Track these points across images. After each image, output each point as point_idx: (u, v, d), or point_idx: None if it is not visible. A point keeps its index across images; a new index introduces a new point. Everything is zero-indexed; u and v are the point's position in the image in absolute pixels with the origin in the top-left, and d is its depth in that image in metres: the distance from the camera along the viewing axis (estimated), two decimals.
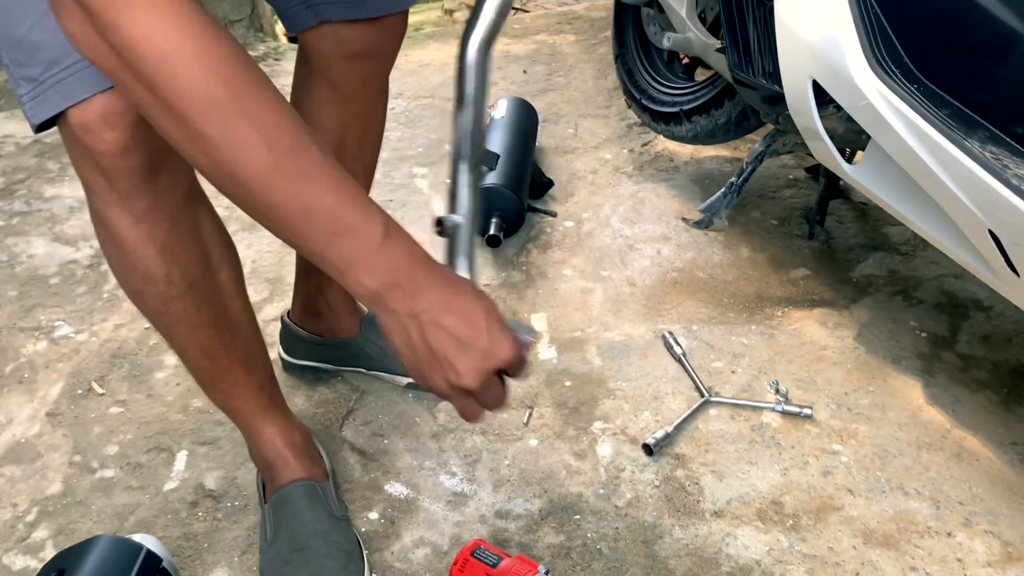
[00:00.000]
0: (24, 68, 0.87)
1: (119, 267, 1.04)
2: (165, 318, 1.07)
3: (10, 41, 0.86)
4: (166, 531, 1.26)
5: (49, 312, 1.75)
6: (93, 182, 0.95)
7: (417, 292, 0.78)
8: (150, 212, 0.97)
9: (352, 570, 1.14)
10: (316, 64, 1.21)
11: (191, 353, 1.12)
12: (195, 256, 1.05)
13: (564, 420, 1.43)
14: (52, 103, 0.87)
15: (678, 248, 1.86)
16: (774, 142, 1.73)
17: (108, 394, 1.53)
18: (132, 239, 0.98)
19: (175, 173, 0.98)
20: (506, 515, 1.27)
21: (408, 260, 0.79)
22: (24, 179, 2.27)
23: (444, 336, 0.79)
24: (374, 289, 0.77)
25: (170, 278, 1.02)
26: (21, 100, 0.90)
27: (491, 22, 0.93)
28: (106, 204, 0.96)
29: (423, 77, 2.81)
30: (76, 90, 0.86)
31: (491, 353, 0.80)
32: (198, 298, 1.06)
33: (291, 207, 0.74)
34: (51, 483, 1.36)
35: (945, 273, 1.72)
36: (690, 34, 1.87)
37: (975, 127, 1.11)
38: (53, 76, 0.86)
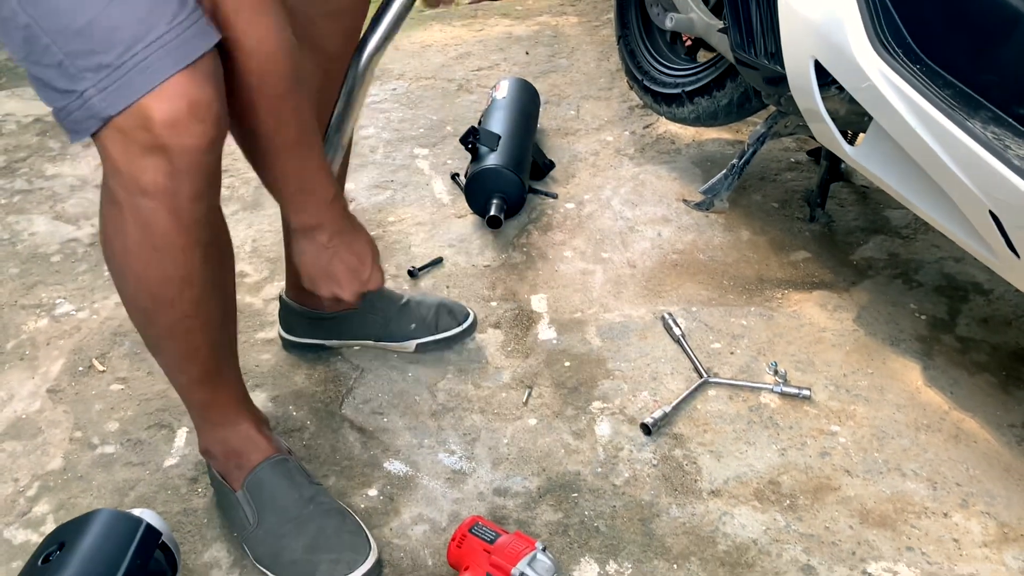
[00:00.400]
0: (92, 56, 0.81)
1: (153, 276, 0.98)
2: (191, 321, 1.04)
3: (70, 32, 0.81)
4: (166, 506, 1.27)
5: (50, 290, 1.76)
6: (153, 185, 0.88)
7: (335, 233, 1.12)
8: (206, 215, 0.96)
9: (350, 523, 1.16)
10: (298, 28, 1.18)
11: (202, 354, 1.10)
12: (220, 255, 1.06)
13: (563, 400, 1.44)
14: (134, 86, 0.82)
15: (679, 230, 1.86)
16: (776, 124, 1.73)
17: (109, 371, 1.54)
18: (183, 245, 0.95)
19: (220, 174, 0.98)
20: (504, 492, 1.28)
21: (340, 214, 1.12)
22: (26, 157, 2.26)
23: (342, 266, 1.14)
24: (310, 225, 1.11)
25: (205, 280, 1.01)
26: (84, 94, 0.83)
27: (386, 30, 1.19)
28: (163, 210, 0.91)
29: (425, 58, 2.80)
30: (161, 68, 0.82)
31: (368, 283, 1.17)
32: (220, 297, 1.08)
33: (290, 166, 1.04)
34: (52, 459, 1.36)
35: (945, 256, 1.72)
36: (693, 15, 1.86)
37: (977, 107, 1.11)
38: (134, 57, 0.81)
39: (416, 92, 2.58)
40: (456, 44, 2.91)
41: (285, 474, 1.19)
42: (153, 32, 0.81)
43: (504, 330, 1.60)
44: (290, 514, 1.15)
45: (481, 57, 2.80)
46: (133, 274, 1.00)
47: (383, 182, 2.10)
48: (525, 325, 1.61)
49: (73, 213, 2.01)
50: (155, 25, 0.81)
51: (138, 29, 0.81)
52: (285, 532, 1.14)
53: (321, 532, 1.14)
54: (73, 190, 2.10)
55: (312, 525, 1.14)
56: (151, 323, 1.07)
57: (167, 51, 0.82)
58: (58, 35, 0.82)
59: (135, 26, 0.81)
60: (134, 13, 0.79)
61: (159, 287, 0.99)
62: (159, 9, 0.82)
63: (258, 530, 1.17)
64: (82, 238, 1.92)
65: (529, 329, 1.60)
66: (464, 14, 3.24)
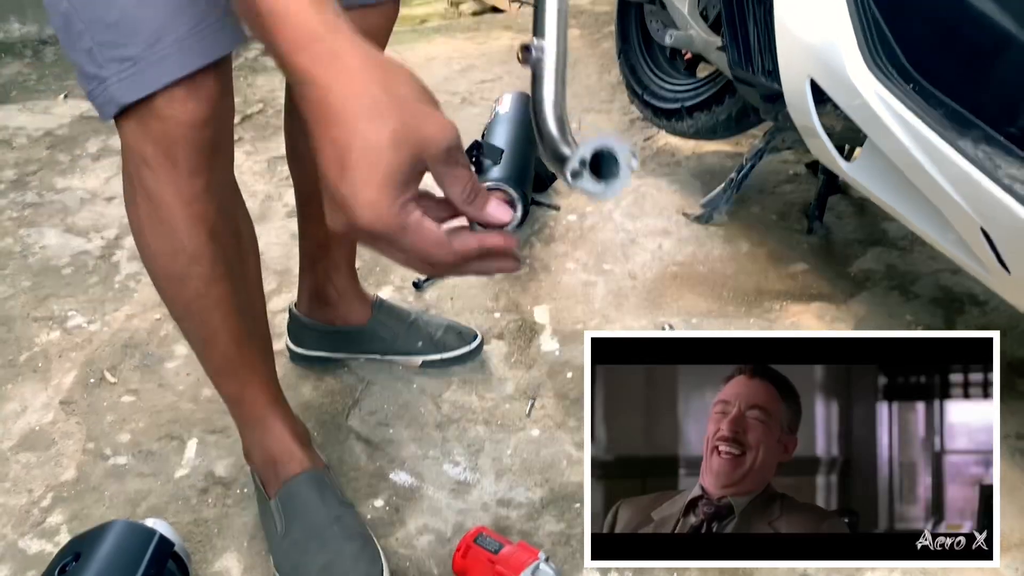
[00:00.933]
0: (118, 49, 0.88)
1: (163, 249, 1.04)
2: (204, 300, 1.08)
3: (102, 24, 0.88)
4: (177, 517, 1.30)
5: (62, 302, 1.79)
6: (153, 158, 0.96)
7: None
8: (205, 192, 1.00)
9: (369, 551, 1.17)
10: None
11: (221, 338, 1.13)
12: (233, 241, 1.09)
13: (566, 411, 1.46)
14: (150, 79, 0.89)
15: (679, 242, 1.89)
16: (774, 138, 1.76)
17: (120, 383, 1.57)
18: (185, 217, 1.00)
19: (228, 155, 1.03)
20: (508, 503, 1.30)
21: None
22: (36, 171, 2.30)
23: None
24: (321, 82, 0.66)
25: (215, 259, 1.05)
26: (104, 82, 0.90)
27: None
28: (163, 182, 0.97)
29: (429, 71, 2.83)
30: (178, 66, 0.89)
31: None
32: (234, 282, 1.10)
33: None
34: (65, 470, 1.39)
35: (942, 268, 1.74)
36: (692, 31, 1.89)
37: (969, 126, 1.14)
38: (156, 52, 0.88)
39: None
40: (460, 57, 2.94)
41: (318, 490, 1.21)
42: (178, 28, 0.89)
43: (507, 341, 1.62)
44: (315, 531, 1.17)
45: (484, 70, 2.83)
46: (147, 248, 1.06)
47: None
48: (528, 336, 1.63)
49: (83, 226, 2.04)
50: (177, 27, 0.89)
51: (164, 26, 0.88)
52: (308, 548, 1.17)
53: (339, 556, 1.15)
54: (83, 203, 2.14)
55: (332, 546, 1.16)
56: (170, 301, 1.12)
57: (184, 49, 0.89)
58: (92, 24, 0.89)
59: (162, 22, 0.88)
60: (159, 14, 0.86)
61: (168, 261, 1.05)
62: (184, 12, 0.89)
63: (284, 541, 1.19)
64: (92, 250, 1.95)
65: (532, 340, 1.62)
66: (468, 27, 3.28)
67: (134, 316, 1.74)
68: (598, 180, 0.69)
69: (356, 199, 0.57)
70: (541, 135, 0.77)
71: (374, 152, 0.57)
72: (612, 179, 0.70)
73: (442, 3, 6.09)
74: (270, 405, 1.23)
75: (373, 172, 0.57)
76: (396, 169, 0.57)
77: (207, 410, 1.49)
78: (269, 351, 1.24)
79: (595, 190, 0.70)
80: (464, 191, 0.63)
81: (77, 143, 2.43)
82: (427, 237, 0.60)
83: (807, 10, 1.33)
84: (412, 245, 0.60)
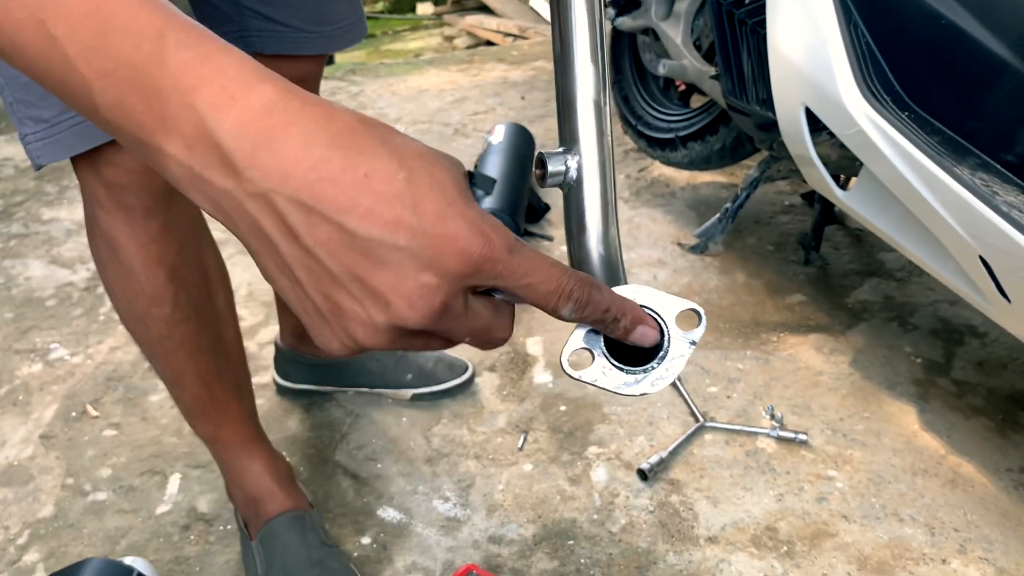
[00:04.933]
0: (33, 109, 0.85)
1: (123, 290, 1.01)
2: (167, 343, 1.05)
3: (17, 82, 0.84)
4: (158, 554, 1.26)
5: (45, 334, 1.75)
6: (104, 200, 0.93)
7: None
8: (162, 233, 0.96)
9: None
10: None
11: (188, 380, 1.10)
12: (199, 279, 1.05)
13: (559, 445, 1.43)
14: (66, 145, 0.85)
15: (674, 273, 1.86)
16: (769, 168, 1.75)
17: (102, 417, 1.53)
18: (142, 259, 0.97)
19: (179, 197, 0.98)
20: (499, 540, 1.27)
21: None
22: (22, 202, 2.27)
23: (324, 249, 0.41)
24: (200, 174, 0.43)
25: (176, 301, 1.01)
26: (24, 138, 0.87)
27: None
28: (117, 223, 0.94)
29: (421, 103, 2.83)
30: (94, 135, 0.85)
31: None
32: (200, 322, 1.06)
33: None
34: (43, 506, 1.35)
35: (940, 299, 1.72)
36: (685, 61, 1.89)
37: (965, 154, 1.12)
38: (70, 119, 0.84)
39: (413, 136, 2.61)
40: (453, 89, 2.94)
41: (298, 531, 1.17)
42: None
43: (500, 373, 1.59)
44: (295, 574, 1.13)
45: (477, 101, 2.83)
46: (108, 287, 1.03)
47: None
48: (520, 368, 1.60)
49: (69, 257, 2.02)
50: None
51: None
52: None
53: None
54: (69, 234, 2.11)
55: None
56: (138, 341, 1.09)
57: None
58: (11, 80, 0.85)
59: None
60: None
61: (130, 302, 1.02)
62: None
63: None
64: (77, 282, 1.92)
65: (524, 372, 1.59)
66: (461, 60, 3.29)
67: (118, 348, 1.70)
68: (618, 366, 0.45)
69: (451, 231, 0.38)
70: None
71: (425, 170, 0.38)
72: (648, 365, 0.45)
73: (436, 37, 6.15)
74: (248, 444, 1.20)
75: (445, 191, 0.39)
76: (462, 180, 0.41)
77: (191, 444, 1.45)
78: (246, 389, 1.20)
79: (610, 383, 0.45)
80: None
81: (64, 174, 2.41)
82: (543, 255, 0.42)
83: (801, 38, 1.32)
84: (534, 265, 0.41)
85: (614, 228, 0.51)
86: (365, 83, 3.08)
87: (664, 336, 0.45)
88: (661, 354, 0.45)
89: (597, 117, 0.53)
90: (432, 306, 0.39)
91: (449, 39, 5.94)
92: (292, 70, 1.16)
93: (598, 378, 0.45)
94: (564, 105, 0.54)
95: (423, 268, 0.38)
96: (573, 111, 0.53)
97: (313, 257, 0.38)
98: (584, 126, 0.52)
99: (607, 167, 0.52)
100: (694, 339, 0.45)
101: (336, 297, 0.39)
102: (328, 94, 2.97)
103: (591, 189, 0.51)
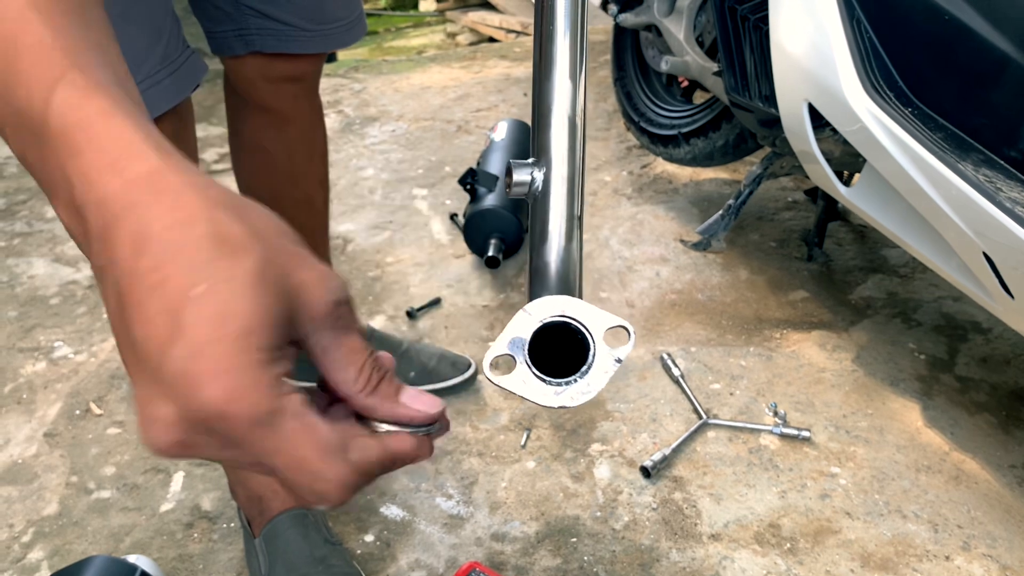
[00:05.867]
0: None
1: None
2: None
3: None
4: (162, 552, 1.26)
5: (48, 332, 1.76)
6: None
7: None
8: None
9: None
10: (243, 88, 1.20)
11: None
12: None
13: (562, 442, 1.43)
14: None
15: (677, 270, 1.86)
16: (772, 164, 1.74)
17: (106, 415, 1.53)
18: None
19: None
20: (502, 537, 1.27)
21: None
22: (26, 200, 2.28)
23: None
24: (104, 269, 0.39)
25: None
26: None
27: None
28: None
29: (424, 100, 2.83)
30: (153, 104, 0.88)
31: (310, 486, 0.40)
32: None
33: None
34: (47, 504, 1.35)
35: (944, 295, 1.72)
36: (688, 57, 1.88)
37: (969, 150, 1.12)
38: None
39: (415, 133, 2.60)
40: (455, 86, 2.94)
41: (301, 529, 1.17)
42: (144, 69, 0.87)
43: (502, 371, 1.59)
44: (298, 572, 1.14)
45: (480, 99, 2.82)
46: None
47: (382, 222, 2.11)
48: None
49: (72, 255, 2.02)
50: (147, 61, 0.87)
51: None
52: None
53: None
54: None
55: None
56: None
57: (160, 88, 0.88)
58: None
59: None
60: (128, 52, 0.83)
61: None
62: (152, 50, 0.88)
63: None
64: (81, 280, 1.92)
65: None
66: (464, 56, 3.28)
67: None
68: (540, 376, 0.45)
69: (198, 369, 0.34)
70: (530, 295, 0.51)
71: (225, 294, 0.34)
72: (571, 377, 0.45)
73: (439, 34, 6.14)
74: None
75: (225, 324, 0.34)
76: (260, 321, 0.35)
77: None
78: None
79: (530, 393, 0.46)
80: (361, 373, 0.40)
81: None
82: (312, 436, 0.36)
83: (804, 34, 1.32)
84: (287, 447, 0.36)
85: (576, 242, 0.51)
86: (368, 80, 3.08)
87: (590, 351, 0.45)
88: (584, 368, 0.45)
89: (570, 133, 0.53)
90: (166, 440, 0.35)
91: (452, 35, 5.93)
92: (291, 68, 1.16)
93: (518, 386, 0.45)
94: (539, 117, 0.54)
95: (164, 396, 0.35)
96: (547, 124, 0.54)
97: (119, 340, 0.37)
98: (556, 140, 0.53)
99: (575, 182, 0.52)
100: (620, 356, 0.46)
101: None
102: (331, 91, 2.97)
103: (556, 202, 0.52)
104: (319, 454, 0.37)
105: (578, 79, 0.55)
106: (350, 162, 2.45)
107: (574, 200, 0.52)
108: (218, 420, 0.34)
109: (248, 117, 1.23)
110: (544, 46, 0.55)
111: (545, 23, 0.55)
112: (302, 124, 1.25)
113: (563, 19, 0.55)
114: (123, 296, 0.35)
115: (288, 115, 1.22)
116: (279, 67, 1.15)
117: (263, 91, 1.19)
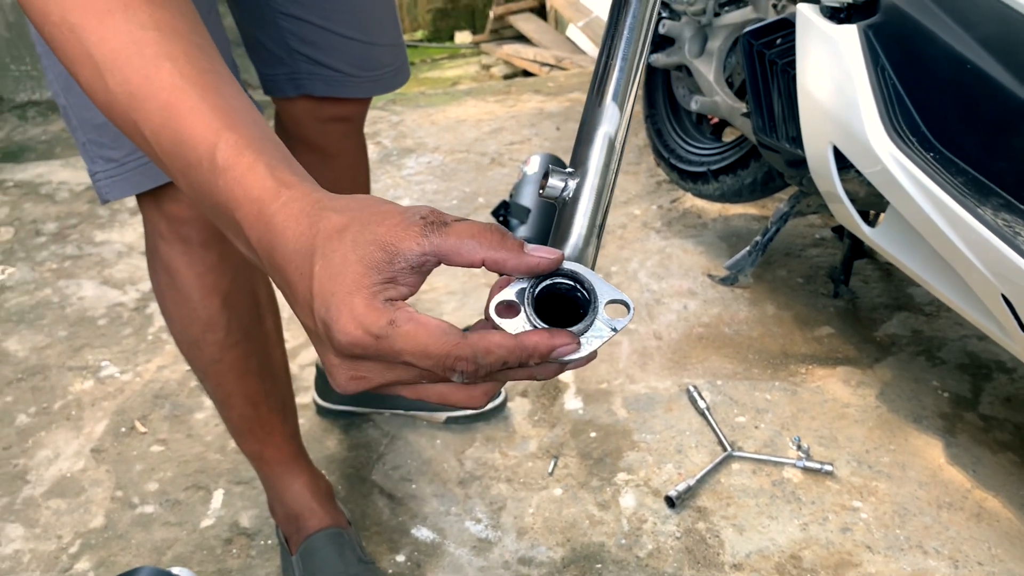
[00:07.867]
0: (105, 149, 0.93)
1: (179, 316, 1.08)
2: (219, 366, 1.11)
3: (91, 124, 0.92)
4: (202, 566, 1.31)
5: (96, 352, 1.83)
6: (165, 232, 1.00)
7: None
8: (219, 263, 1.03)
9: None
10: (291, 127, 1.26)
11: (236, 401, 1.16)
12: (250, 305, 1.11)
13: (588, 470, 1.47)
14: (133, 183, 0.94)
15: (704, 304, 1.90)
16: (799, 202, 1.78)
17: (150, 433, 1.59)
18: (198, 288, 1.03)
19: None
20: (529, 562, 1.30)
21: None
22: (76, 224, 2.37)
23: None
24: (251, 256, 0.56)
25: (229, 326, 1.08)
26: (95, 175, 0.95)
27: None
28: (177, 253, 1.01)
29: (459, 132, 2.90)
30: (159, 175, 0.93)
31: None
32: (249, 346, 1.12)
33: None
34: (94, 517, 1.41)
35: (968, 334, 1.74)
36: (717, 98, 1.93)
37: (989, 194, 1.15)
38: (136, 159, 0.92)
39: (450, 165, 2.67)
40: (489, 119, 3.01)
41: (337, 547, 1.22)
42: None
43: (531, 399, 1.64)
44: None
45: (513, 132, 2.89)
46: (166, 312, 1.10)
47: None
48: (552, 395, 1.65)
49: (120, 278, 2.10)
50: None
51: None
52: None
53: None
54: (120, 256, 2.20)
55: None
56: (190, 363, 1.16)
57: None
58: (83, 123, 0.93)
59: None
60: None
61: (185, 327, 1.09)
62: None
63: None
64: (128, 302, 2.00)
65: (556, 399, 1.63)
66: (498, 90, 3.36)
67: (165, 367, 1.77)
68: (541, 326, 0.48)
69: (330, 316, 0.45)
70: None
71: (334, 260, 0.46)
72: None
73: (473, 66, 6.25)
74: (291, 462, 1.25)
75: (336, 280, 0.45)
76: (363, 268, 0.45)
77: (234, 460, 1.51)
78: (290, 409, 1.26)
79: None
80: (483, 236, 0.47)
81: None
82: (426, 328, 0.45)
83: (829, 78, 1.37)
84: (410, 342, 0.45)
85: (592, 249, 0.56)
86: (405, 113, 3.16)
87: (589, 313, 0.49)
88: (581, 327, 0.48)
89: (608, 150, 0.58)
90: (343, 380, 0.48)
91: (486, 67, 6.03)
92: (339, 110, 1.22)
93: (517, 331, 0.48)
94: (583, 131, 0.60)
95: (327, 348, 0.48)
96: (590, 140, 0.59)
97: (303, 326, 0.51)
98: (594, 155, 0.58)
99: (603, 195, 0.58)
100: (616, 326, 0.49)
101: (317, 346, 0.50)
102: (369, 123, 3.04)
103: (582, 211, 0.57)
104: (435, 339, 0.45)
105: (625, 107, 0.60)
106: (387, 192, 2.52)
107: (599, 211, 0.57)
108: (356, 346, 0.45)
109: (296, 153, 1.29)
110: (602, 74, 0.62)
111: (608, 55, 0.62)
112: (348, 159, 1.31)
113: (621, 55, 0.61)
114: (289, 296, 0.49)
115: (335, 152, 1.29)
116: (328, 109, 1.22)
117: (312, 130, 1.25)
